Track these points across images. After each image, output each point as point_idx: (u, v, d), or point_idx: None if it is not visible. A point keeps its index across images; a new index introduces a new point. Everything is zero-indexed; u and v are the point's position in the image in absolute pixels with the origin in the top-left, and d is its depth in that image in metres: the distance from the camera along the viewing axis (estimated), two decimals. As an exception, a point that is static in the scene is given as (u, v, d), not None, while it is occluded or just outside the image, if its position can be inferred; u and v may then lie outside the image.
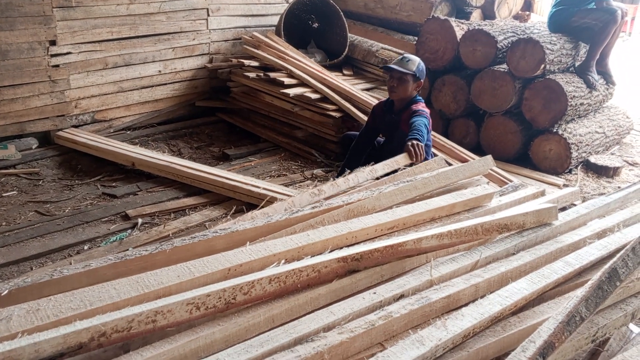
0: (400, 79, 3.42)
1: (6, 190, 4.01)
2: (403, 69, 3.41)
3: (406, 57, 3.48)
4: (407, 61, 3.44)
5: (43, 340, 1.02)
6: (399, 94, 3.46)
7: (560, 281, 1.50)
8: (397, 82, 3.44)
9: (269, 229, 1.73)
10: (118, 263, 1.38)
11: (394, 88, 3.47)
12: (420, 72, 3.44)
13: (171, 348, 1.10)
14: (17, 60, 4.45)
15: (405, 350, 1.12)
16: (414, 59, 3.45)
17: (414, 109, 3.43)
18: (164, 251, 1.48)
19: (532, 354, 1.14)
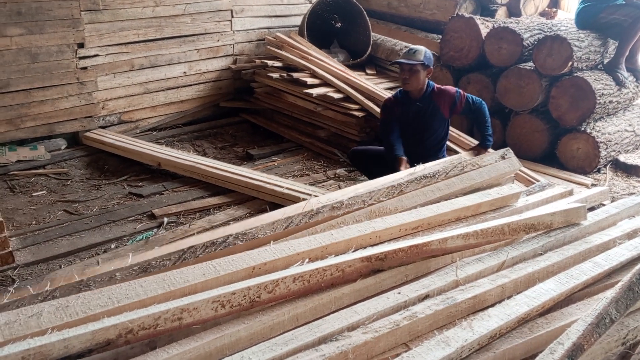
0: (410, 70, 3.51)
1: (36, 189, 4.10)
2: (412, 60, 3.48)
3: (412, 49, 3.57)
4: (414, 52, 3.53)
5: (72, 337, 1.04)
6: (413, 85, 3.56)
7: (589, 282, 1.47)
8: (408, 74, 3.53)
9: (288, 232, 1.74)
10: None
11: (407, 80, 3.56)
12: (428, 60, 3.54)
13: (197, 345, 1.11)
14: (46, 63, 4.56)
15: (430, 350, 1.11)
16: (419, 49, 3.55)
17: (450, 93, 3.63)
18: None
19: (560, 356, 1.12)
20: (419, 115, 3.64)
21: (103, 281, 1.42)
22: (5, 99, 4.43)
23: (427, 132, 3.65)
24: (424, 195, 1.93)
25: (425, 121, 3.65)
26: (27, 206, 3.83)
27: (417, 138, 3.68)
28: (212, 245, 1.64)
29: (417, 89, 3.59)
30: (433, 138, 3.66)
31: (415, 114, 3.64)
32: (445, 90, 3.63)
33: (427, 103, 3.60)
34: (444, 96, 3.60)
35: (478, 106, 3.62)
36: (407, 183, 2.00)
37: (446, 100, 3.58)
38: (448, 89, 3.65)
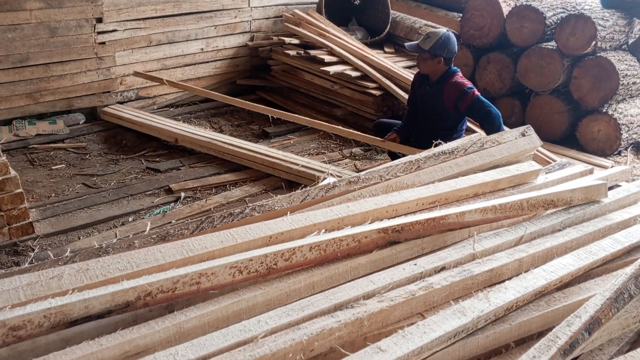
0: (419, 56, 3.45)
1: (55, 163, 4.15)
2: (421, 47, 3.38)
3: (427, 35, 3.42)
4: (425, 39, 3.40)
5: (92, 297, 1.06)
6: (422, 69, 3.51)
7: (609, 259, 1.45)
8: (418, 60, 3.50)
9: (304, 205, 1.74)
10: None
11: (420, 64, 3.51)
12: (437, 49, 3.35)
13: (214, 309, 1.13)
14: (65, 37, 4.57)
15: (446, 320, 1.11)
16: (432, 36, 3.37)
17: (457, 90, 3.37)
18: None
19: (577, 329, 1.12)
20: (426, 99, 3.55)
21: (122, 248, 1.44)
22: (25, 73, 4.47)
23: (429, 118, 3.54)
24: (442, 171, 1.92)
25: (429, 107, 3.54)
26: (47, 179, 3.89)
27: (422, 121, 3.63)
28: (229, 215, 1.65)
29: (428, 73, 3.50)
30: (436, 127, 3.50)
31: (424, 97, 3.57)
32: (457, 84, 3.37)
33: (436, 90, 3.47)
34: (452, 89, 3.38)
35: (485, 113, 3.27)
36: (425, 159, 1.99)
37: (452, 94, 3.36)
38: (460, 84, 3.38)
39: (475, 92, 3.33)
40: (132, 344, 1.02)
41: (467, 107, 3.32)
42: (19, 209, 3.06)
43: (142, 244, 1.44)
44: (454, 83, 3.39)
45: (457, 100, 3.34)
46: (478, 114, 3.33)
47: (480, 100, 3.30)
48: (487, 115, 3.27)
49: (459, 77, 3.45)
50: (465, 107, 3.32)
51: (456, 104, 3.36)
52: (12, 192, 3.01)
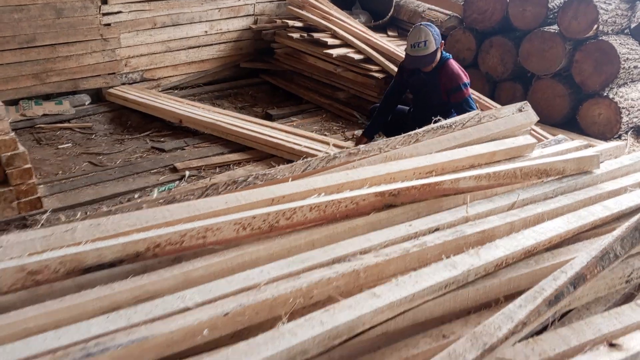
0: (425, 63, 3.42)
1: (61, 142, 4.22)
2: (428, 54, 3.36)
3: (420, 42, 3.35)
4: (424, 45, 3.34)
5: (105, 247, 1.12)
6: (432, 67, 3.47)
7: (598, 224, 1.51)
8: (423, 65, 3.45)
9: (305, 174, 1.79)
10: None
11: (424, 69, 3.49)
12: (437, 40, 3.38)
13: (220, 260, 1.19)
14: (71, 19, 4.61)
15: (438, 271, 1.17)
16: (429, 37, 3.34)
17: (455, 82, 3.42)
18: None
19: (562, 283, 1.18)
20: (421, 86, 3.56)
21: (130, 209, 1.51)
22: (32, 54, 4.52)
23: (427, 105, 3.54)
24: (439, 144, 1.97)
25: (425, 94, 3.56)
26: (54, 157, 3.96)
27: (420, 107, 3.66)
28: (233, 183, 1.71)
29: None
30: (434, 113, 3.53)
31: (419, 83, 3.57)
32: (455, 76, 3.42)
33: (432, 77, 3.48)
34: (450, 79, 3.42)
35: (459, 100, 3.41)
36: (424, 132, 2.04)
37: (448, 84, 3.41)
38: (457, 76, 3.42)
39: (468, 91, 3.43)
40: (143, 289, 1.09)
41: (456, 102, 3.41)
42: (28, 184, 3.12)
43: (150, 206, 1.50)
44: (452, 73, 3.42)
45: (451, 91, 3.42)
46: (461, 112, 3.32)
47: (468, 102, 3.41)
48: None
49: (455, 66, 3.48)
50: (454, 101, 3.41)
51: (449, 94, 3.43)
52: (21, 168, 3.07)
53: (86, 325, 0.97)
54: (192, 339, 0.97)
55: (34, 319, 0.99)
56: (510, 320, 1.06)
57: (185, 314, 1.01)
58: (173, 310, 1.02)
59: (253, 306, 1.04)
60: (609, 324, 1.29)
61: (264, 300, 1.05)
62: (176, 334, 0.96)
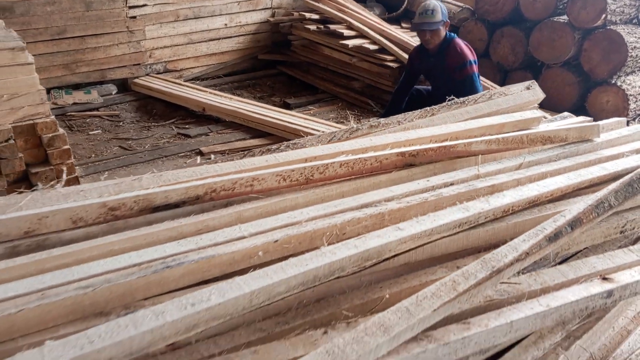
0: (432, 31, 3.58)
1: (92, 129, 4.46)
2: (432, 22, 3.53)
3: (428, 10, 3.56)
4: (431, 13, 3.53)
5: (171, 190, 1.33)
6: (435, 43, 3.64)
7: (595, 182, 1.68)
8: (430, 35, 3.60)
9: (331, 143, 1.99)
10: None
11: (429, 41, 3.64)
12: (445, 15, 3.57)
13: (266, 204, 1.39)
14: (99, 11, 4.85)
15: (452, 213, 1.36)
16: (435, 8, 3.54)
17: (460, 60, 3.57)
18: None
19: (561, 224, 1.36)
20: (431, 69, 3.73)
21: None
22: (62, 45, 4.76)
23: (441, 87, 3.68)
24: (453, 117, 2.16)
25: (436, 76, 3.73)
26: (86, 142, 4.19)
27: (435, 90, 3.82)
28: (267, 151, 1.91)
29: (435, 45, 3.65)
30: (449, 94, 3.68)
31: (428, 67, 3.75)
32: (461, 53, 3.56)
33: (440, 60, 3.64)
34: (456, 56, 3.57)
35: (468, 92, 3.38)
36: (439, 108, 2.23)
37: (454, 62, 3.56)
38: (463, 54, 3.56)
39: (473, 69, 3.55)
40: (204, 224, 1.29)
41: (461, 80, 3.54)
42: (67, 163, 3.35)
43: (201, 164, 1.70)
44: (457, 51, 3.58)
45: (456, 68, 3.56)
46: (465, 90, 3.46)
47: (472, 80, 3.54)
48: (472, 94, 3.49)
49: (462, 44, 3.63)
50: (459, 78, 3.55)
51: (455, 71, 3.57)
52: (61, 148, 3.29)
53: (162, 248, 1.17)
54: (250, 259, 1.17)
55: (117, 243, 1.19)
56: (515, 250, 1.25)
57: (242, 241, 1.21)
58: (232, 237, 1.22)
59: (297, 236, 1.24)
60: (603, 263, 1.47)
61: (306, 232, 1.25)
62: (237, 254, 1.16)
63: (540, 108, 2.76)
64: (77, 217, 1.23)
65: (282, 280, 1.05)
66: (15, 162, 3.08)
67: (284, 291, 1.06)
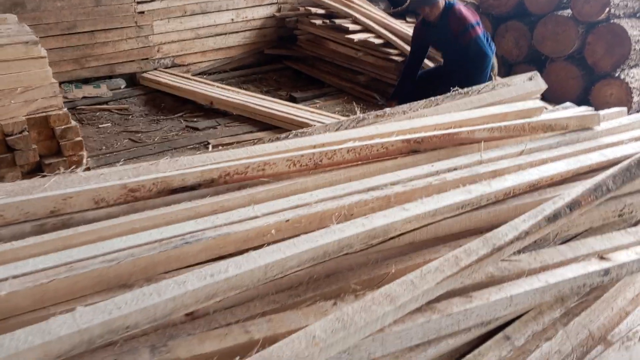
0: (430, 5, 3.62)
1: (102, 122, 4.54)
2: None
3: None
4: None
5: (187, 173, 1.40)
6: (435, 14, 3.67)
7: (594, 167, 1.74)
8: (429, 8, 3.64)
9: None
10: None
11: (429, 14, 3.68)
12: None
13: (277, 187, 1.46)
14: (108, 7, 4.92)
15: (456, 195, 1.42)
16: None
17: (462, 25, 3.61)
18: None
19: (560, 205, 1.42)
20: (438, 41, 3.79)
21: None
22: (72, 40, 4.84)
23: (451, 58, 3.77)
24: (457, 107, 2.22)
25: (445, 47, 3.78)
26: (96, 135, 4.27)
27: (446, 60, 3.90)
28: (276, 139, 1.97)
29: (435, 17, 3.68)
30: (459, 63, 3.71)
31: (434, 38, 3.80)
32: (461, 18, 3.60)
33: (443, 29, 3.67)
34: (457, 22, 3.61)
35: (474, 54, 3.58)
36: (443, 98, 2.29)
37: (457, 27, 3.60)
38: (463, 18, 3.60)
39: (476, 31, 3.59)
40: (219, 205, 1.36)
41: (466, 44, 3.58)
42: (79, 155, 3.43)
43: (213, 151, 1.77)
44: (458, 17, 3.61)
45: (459, 34, 3.60)
46: (472, 54, 3.59)
47: (477, 42, 3.57)
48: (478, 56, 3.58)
49: (462, 8, 3.67)
50: (464, 43, 3.59)
51: (459, 37, 3.61)
52: (73, 140, 3.37)
53: (180, 226, 1.24)
54: (263, 237, 1.24)
55: (138, 222, 1.26)
56: (515, 230, 1.31)
57: (256, 220, 1.27)
58: (246, 217, 1.29)
59: (307, 216, 1.30)
60: (601, 244, 1.53)
61: (315, 212, 1.32)
62: (250, 232, 1.23)
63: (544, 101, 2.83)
64: (99, 197, 1.30)
65: (295, 254, 1.12)
66: (29, 153, 3.15)
67: (296, 265, 1.13)
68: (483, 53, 3.61)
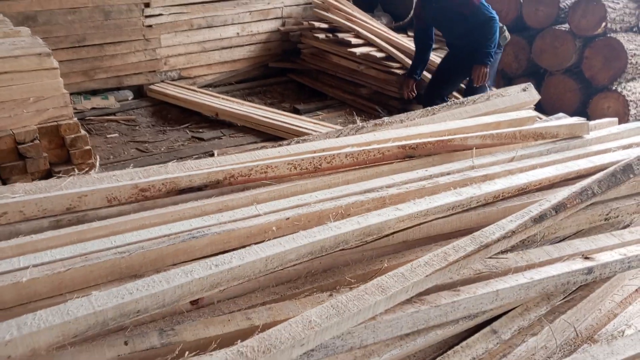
0: None
1: (109, 132, 4.65)
2: None
3: None
4: None
5: (194, 174, 1.49)
6: None
7: (582, 173, 1.82)
8: None
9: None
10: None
11: None
12: None
13: (278, 189, 1.55)
14: (117, 20, 5.06)
15: (447, 197, 1.50)
16: None
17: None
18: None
19: (546, 207, 1.50)
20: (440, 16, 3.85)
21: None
22: (82, 52, 4.97)
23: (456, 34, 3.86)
24: (452, 116, 2.31)
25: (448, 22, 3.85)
26: (104, 144, 4.38)
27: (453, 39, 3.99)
28: (279, 145, 2.06)
29: None
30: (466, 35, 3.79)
31: (439, 14, 3.86)
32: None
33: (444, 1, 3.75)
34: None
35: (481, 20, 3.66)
36: (439, 108, 2.38)
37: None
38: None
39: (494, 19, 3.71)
40: (224, 204, 1.45)
41: (471, 14, 3.68)
42: (88, 163, 3.53)
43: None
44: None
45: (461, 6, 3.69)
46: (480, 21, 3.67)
47: (481, 9, 3.67)
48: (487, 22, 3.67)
49: None
50: (468, 12, 3.68)
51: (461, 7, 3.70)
52: (82, 149, 3.47)
53: (187, 222, 1.33)
54: (264, 233, 1.32)
55: (148, 219, 1.35)
56: (502, 229, 1.39)
57: (258, 218, 1.36)
58: (249, 215, 1.38)
59: (306, 215, 1.39)
60: (587, 245, 1.61)
61: (314, 212, 1.40)
62: (253, 229, 1.31)
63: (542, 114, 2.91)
64: (112, 196, 1.39)
65: (294, 248, 1.20)
66: (40, 161, 3.26)
67: (295, 258, 1.21)
68: (489, 17, 3.70)
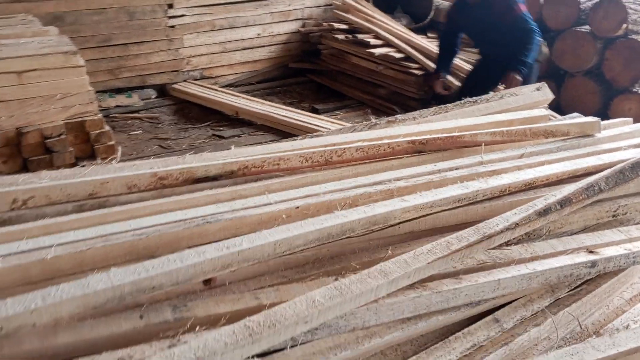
0: None
1: (133, 130, 4.78)
2: None
3: None
4: None
5: (210, 164, 1.56)
6: None
7: (591, 170, 1.83)
8: None
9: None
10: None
11: None
12: None
13: (288, 180, 1.61)
14: (141, 21, 5.19)
15: (453, 190, 1.54)
16: None
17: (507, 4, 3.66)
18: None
19: (552, 201, 1.53)
20: (477, 24, 3.80)
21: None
22: (107, 52, 5.12)
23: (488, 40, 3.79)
24: (464, 114, 2.34)
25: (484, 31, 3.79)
26: (127, 141, 4.51)
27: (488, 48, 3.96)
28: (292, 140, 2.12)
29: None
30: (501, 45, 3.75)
31: (474, 23, 3.82)
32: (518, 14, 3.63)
33: (485, 10, 3.70)
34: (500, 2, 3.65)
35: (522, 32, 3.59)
36: (453, 106, 2.42)
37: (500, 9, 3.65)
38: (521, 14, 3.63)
39: (521, 8, 3.63)
40: (237, 193, 1.51)
41: (512, 24, 3.61)
42: (112, 158, 3.65)
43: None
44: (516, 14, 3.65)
45: (503, 13, 3.66)
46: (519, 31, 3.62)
47: (524, 19, 3.61)
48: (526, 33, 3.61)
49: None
50: (509, 23, 3.62)
51: (502, 16, 3.66)
52: (106, 144, 3.59)
53: (202, 209, 1.40)
54: (275, 220, 1.38)
55: (165, 205, 1.42)
56: (506, 221, 1.43)
57: (269, 206, 1.42)
58: (260, 203, 1.44)
59: (315, 204, 1.45)
60: (592, 240, 1.63)
61: (323, 202, 1.46)
62: (264, 216, 1.38)
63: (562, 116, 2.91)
64: (132, 183, 1.47)
65: (301, 234, 1.26)
66: (65, 155, 3.38)
67: (302, 244, 1.27)
68: (529, 28, 3.64)
